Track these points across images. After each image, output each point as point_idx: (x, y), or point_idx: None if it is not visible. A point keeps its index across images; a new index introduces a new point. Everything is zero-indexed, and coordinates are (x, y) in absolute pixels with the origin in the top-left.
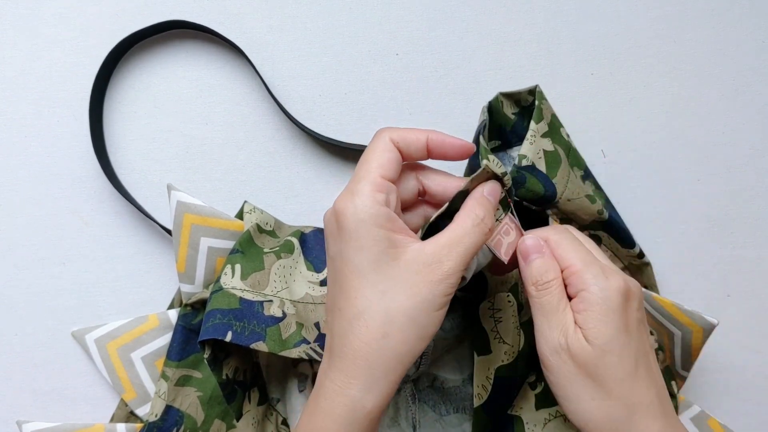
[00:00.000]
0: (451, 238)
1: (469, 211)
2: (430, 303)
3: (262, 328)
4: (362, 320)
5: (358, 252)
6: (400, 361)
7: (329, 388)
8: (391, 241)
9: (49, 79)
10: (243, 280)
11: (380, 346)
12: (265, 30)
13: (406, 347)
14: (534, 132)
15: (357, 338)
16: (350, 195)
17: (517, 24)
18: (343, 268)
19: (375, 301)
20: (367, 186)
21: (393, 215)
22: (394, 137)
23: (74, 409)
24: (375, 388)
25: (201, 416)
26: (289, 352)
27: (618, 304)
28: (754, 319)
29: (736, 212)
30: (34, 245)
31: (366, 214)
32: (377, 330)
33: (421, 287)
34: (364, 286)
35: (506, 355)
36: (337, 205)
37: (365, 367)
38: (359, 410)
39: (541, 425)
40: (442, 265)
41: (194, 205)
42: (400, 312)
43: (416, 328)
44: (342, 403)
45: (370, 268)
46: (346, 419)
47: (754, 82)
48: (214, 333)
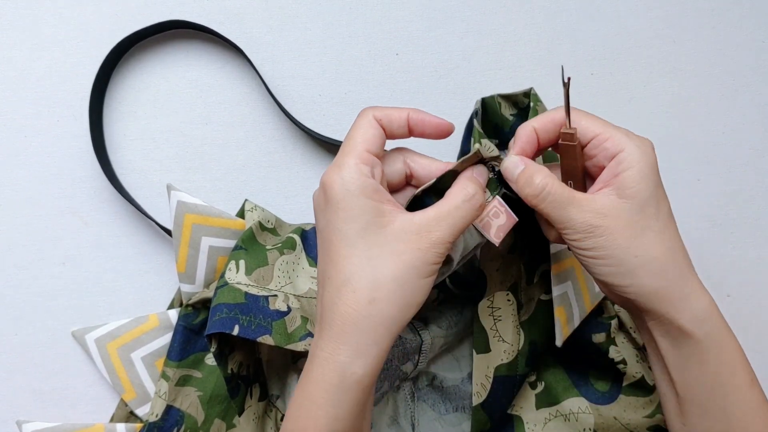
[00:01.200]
0: (441, 210)
1: (461, 187)
2: (417, 270)
3: (268, 321)
4: (349, 286)
5: (346, 221)
6: (388, 327)
7: (319, 357)
8: (378, 211)
9: (49, 79)
10: (248, 275)
11: (368, 311)
12: (265, 30)
13: (392, 311)
14: None
15: (345, 304)
16: (337, 168)
17: (517, 24)
18: (332, 238)
19: (362, 267)
20: (352, 159)
21: (379, 187)
22: (378, 115)
23: (74, 409)
24: (364, 354)
25: (201, 416)
26: (294, 345)
27: (655, 161)
28: (754, 319)
29: (736, 212)
30: (34, 245)
31: (353, 185)
32: (364, 295)
33: (409, 254)
34: (351, 254)
35: (506, 354)
36: (324, 178)
37: (353, 332)
38: (349, 376)
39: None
40: (431, 234)
41: (195, 204)
42: (386, 277)
43: (403, 294)
44: (331, 370)
45: (357, 236)
46: (337, 386)
47: (754, 82)
48: (221, 327)
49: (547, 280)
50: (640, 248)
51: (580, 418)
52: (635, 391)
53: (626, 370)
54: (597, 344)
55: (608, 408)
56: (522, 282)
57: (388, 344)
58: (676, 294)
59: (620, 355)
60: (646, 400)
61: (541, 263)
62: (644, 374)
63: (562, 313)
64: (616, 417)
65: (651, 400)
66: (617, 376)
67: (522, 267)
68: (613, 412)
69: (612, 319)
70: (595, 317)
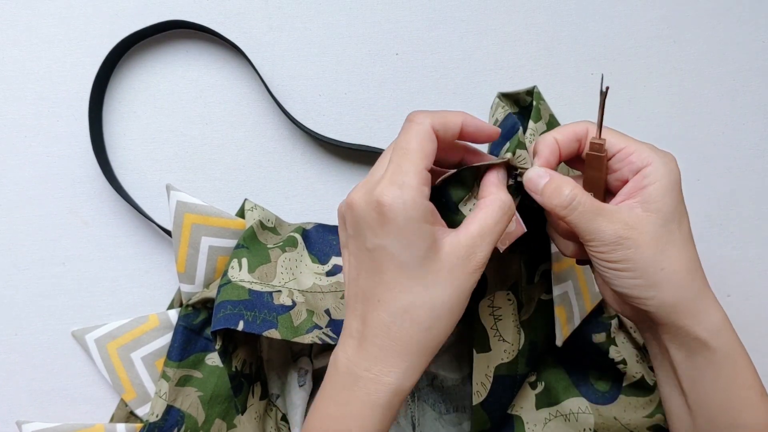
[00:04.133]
0: (483, 227)
1: (495, 198)
2: (465, 293)
3: (273, 316)
4: (408, 314)
5: (406, 248)
6: (438, 348)
7: (364, 377)
8: (434, 236)
9: (49, 79)
10: (251, 273)
11: (424, 338)
12: (265, 30)
13: (444, 336)
14: (533, 131)
15: (402, 331)
16: (397, 188)
17: (517, 24)
18: (387, 262)
19: (421, 295)
20: (414, 179)
21: (434, 208)
22: (436, 124)
23: (74, 409)
24: (412, 373)
25: (202, 416)
26: (302, 338)
27: (678, 177)
28: (754, 319)
29: (736, 212)
30: (34, 245)
31: (416, 211)
32: (423, 323)
33: (460, 280)
34: (411, 282)
35: (506, 354)
36: (383, 198)
37: (407, 356)
38: (397, 395)
39: (541, 425)
40: (476, 256)
41: (194, 204)
42: (444, 306)
43: (453, 318)
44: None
45: (416, 264)
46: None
47: (754, 82)
48: (226, 323)
49: (547, 279)
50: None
51: (580, 418)
52: (635, 391)
53: (626, 370)
54: (597, 344)
55: (608, 408)
56: (522, 281)
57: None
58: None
59: (620, 355)
60: (646, 400)
61: (541, 263)
62: (644, 374)
63: (563, 313)
64: (616, 417)
65: (651, 400)
66: (617, 376)
67: (522, 266)
68: (613, 412)
69: (612, 319)
70: (596, 317)
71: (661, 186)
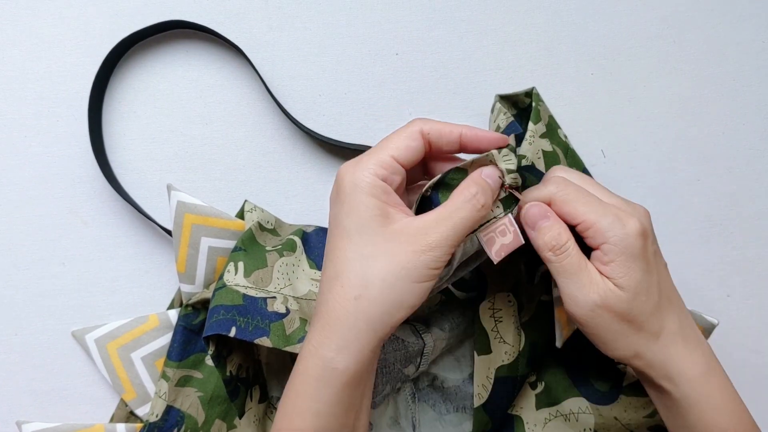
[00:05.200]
0: (441, 213)
1: (463, 188)
2: (409, 272)
3: (266, 323)
4: (339, 281)
5: (348, 215)
6: (371, 326)
7: (306, 349)
8: (382, 211)
9: (49, 79)
10: (246, 277)
11: (354, 307)
12: (265, 30)
13: (378, 311)
14: (532, 132)
15: (333, 298)
16: (354, 163)
17: (517, 24)
18: (333, 230)
19: (354, 262)
20: (372, 160)
21: (390, 190)
22: (425, 129)
23: (74, 409)
24: (346, 349)
25: (202, 416)
26: (293, 347)
27: (640, 248)
28: (754, 319)
29: (736, 212)
30: (34, 245)
31: (363, 182)
32: (351, 291)
33: (402, 255)
34: (347, 248)
35: (507, 355)
36: (340, 171)
37: (337, 327)
38: (329, 370)
39: (541, 425)
40: (428, 237)
41: (195, 204)
42: (376, 276)
43: (391, 295)
44: (314, 363)
45: (355, 231)
46: (318, 379)
47: (754, 82)
48: (218, 329)
49: (547, 280)
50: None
51: (581, 418)
52: (636, 391)
53: (626, 370)
54: None
55: (609, 408)
56: (523, 283)
57: (371, 342)
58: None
59: None
60: (647, 400)
61: (541, 264)
62: None
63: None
64: (616, 417)
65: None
66: (617, 376)
67: (522, 267)
68: (614, 412)
69: None
70: None
71: (621, 263)
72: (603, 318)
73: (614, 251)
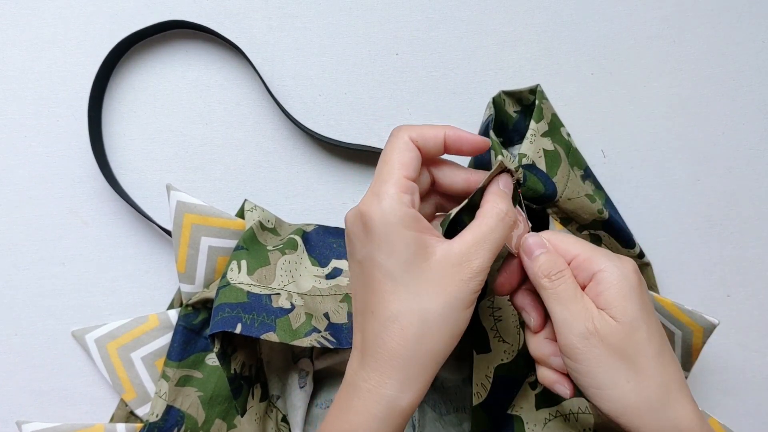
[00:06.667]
0: (478, 235)
1: (492, 206)
2: (461, 302)
3: (272, 319)
4: (397, 323)
5: (390, 256)
6: (434, 360)
7: (363, 388)
8: (420, 243)
9: (49, 79)
10: (249, 275)
11: (417, 347)
12: (265, 30)
13: (440, 346)
14: (534, 131)
15: (392, 340)
16: (376, 198)
17: (517, 24)
18: (374, 272)
19: (409, 303)
20: (392, 188)
21: (419, 216)
22: (413, 135)
23: (74, 409)
24: (410, 387)
25: (202, 416)
26: (300, 341)
27: (636, 282)
28: (754, 319)
29: (736, 212)
30: (34, 245)
31: (395, 217)
32: (413, 332)
33: (453, 287)
34: (397, 289)
35: (506, 354)
36: (363, 208)
37: (401, 367)
38: (394, 408)
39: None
40: (471, 264)
41: (194, 204)
42: (434, 313)
43: (449, 328)
44: (377, 402)
45: (402, 271)
46: (382, 419)
47: (754, 82)
48: (223, 326)
49: None
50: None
51: (580, 418)
52: None
53: None
54: None
55: None
56: None
57: (433, 375)
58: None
59: None
60: None
61: None
62: None
63: None
64: None
65: None
66: None
67: None
68: None
69: None
70: None
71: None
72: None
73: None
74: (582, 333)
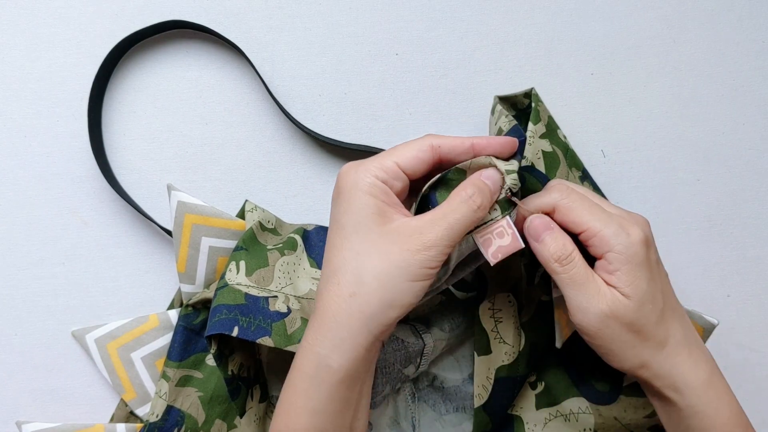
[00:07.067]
0: (437, 213)
1: (459, 189)
2: (403, 270)
3: (268, 323)
4: (335, 278)
5: (346, 213)
6: (365, 324)
7: (302, 346)
8: (379, 210)
9: (49, 79)
10: (248, 276)
11: (348, 304)
12: (265, 30)
13: (373, 309)
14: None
15: (328, 295)
16: (356, 164)
17: (517, 24)
18: (332, 228)
19: (349, 260)
20: (375, 163)
21: (389, 192)
22: (436, 143)
23: (74, 409)
24: (340, 347)
25: (202, 416)
26: (294, 347)
27: (643, 256)
28: (754, 319)
29: (736, 212)
30: (34, 245)
31: (363, 181)
32: (346, 289)
33: (397, 254)
34: (343, 246)
35: (507, 356)
36: (342, 170)
37: (332, 325)
38: (323, 368)
39: (541, 425)
40: (423, 236)
41: (195, 204)
42: (370, 274)
43: (385, 293)
44: (309, 359)
45: (352, 229)
46: (313, 376)
47: (754, 82)
48: (220, 328)
49: (547, 281)
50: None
51: (581, 418)
52: (635, 391)
53: None
54: None
55: (608, 408)
56: (523, 283)
57: (366, 341)
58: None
59: None
60: (647, 400)
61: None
62: None
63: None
64: (616, 417)
65: None
66: (617, 376)
67: (522, 268)
68: (614, 412)
69: None
70: None
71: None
72: (612, 329)
73: (619, 260)
74: (597, 315)
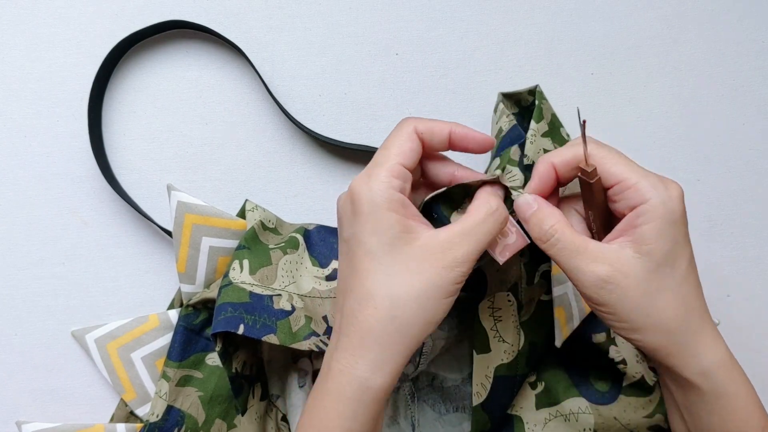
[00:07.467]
0: (465, 226)
1: (483, 201)
2: (438, 288)
3: (273, 321)
4: (371, 302)
5: (372, 235)
6: (406, 344)
7: (335, 369)
8: (404, 227)
9: (49, 79)
10: (252, 274)
11: (388, 328)
12: (265, 30)
13: (413, 330)
14: (534, 131)
15: (366, 319)
16: (367, 178)
17: (517, 24)
18: (357, 250)
19: (385, 283)
20: (384, 171)
21: (407, 201)
22: (419, 128)
23: (74, 409)
24: (381, 368)
25: (202, 416)
26: (299, 344)
27: (681, 214)
28: (754, 319)
29: (736, 212)
30: (34, 245)
31: (381, 198)
32: (385, 312)
33: (431, 273)
34: (375, 269)
35: (506, 354)
36: (353, 187)
37: (372, 347)
38: (366, 390)
39: (541, 425)
40: (454, 252)
41: (195, 204)
42: (408, 296)
43: (423, 313)
44: (348, 382)
45: (382, 252)
46: (352, 399)
47: (754, 82)
48: (226, 326)
49: (547, 280)
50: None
51: (580, 418)
52: (635, 391)
53: (626, 370)
54: (597, 344)
55: (608, 408)
56: (522, 282)
57: (405, 359)
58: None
59: (620, 355)
60: (646, 400)
61: (541, 263)
62: (644, 374)
63: (562, 314)
64: (616, 417)
65: (651, 400)
66: (617, 376)
67: (522, 267)
68: (614, 412)
69: None
70: (595, 317)
71: (656, 227)
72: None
73: (652, 213)
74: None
